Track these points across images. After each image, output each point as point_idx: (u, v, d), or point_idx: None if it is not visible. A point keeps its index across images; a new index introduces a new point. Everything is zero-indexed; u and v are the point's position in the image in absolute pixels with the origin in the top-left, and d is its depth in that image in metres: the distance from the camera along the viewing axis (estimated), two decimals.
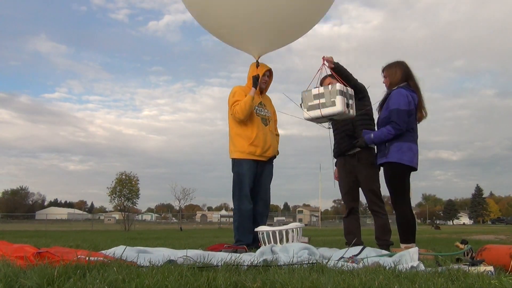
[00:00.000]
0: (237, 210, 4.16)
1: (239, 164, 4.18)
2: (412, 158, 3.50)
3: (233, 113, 4.14)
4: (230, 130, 4.32)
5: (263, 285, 1.67)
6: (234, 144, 4.22)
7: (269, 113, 4.44)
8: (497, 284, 1.76)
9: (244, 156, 4.15)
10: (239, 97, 4.18)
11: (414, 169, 3.57)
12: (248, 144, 4.14)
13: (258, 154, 4.17)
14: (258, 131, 4.18)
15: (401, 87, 3.59)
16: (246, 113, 4.10)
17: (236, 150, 4.20)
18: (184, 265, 2.04)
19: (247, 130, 4.18)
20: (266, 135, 4.24)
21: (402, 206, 3.49)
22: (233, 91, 4.29)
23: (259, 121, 4.25)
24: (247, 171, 4.14)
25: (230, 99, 4.25)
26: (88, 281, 1.57)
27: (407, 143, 3.49)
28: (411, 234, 3.47)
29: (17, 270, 1.77)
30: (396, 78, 3.65)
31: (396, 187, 3.52)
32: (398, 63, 3.73)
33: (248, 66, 4.48)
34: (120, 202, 24.62)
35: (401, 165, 3.47)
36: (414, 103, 3.55)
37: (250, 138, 4.14)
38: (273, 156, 4.35)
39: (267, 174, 4.33)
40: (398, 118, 3.45)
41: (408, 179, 3.56)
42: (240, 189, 4.14)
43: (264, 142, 4.19)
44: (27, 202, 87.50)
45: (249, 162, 4.15)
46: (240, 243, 3.97)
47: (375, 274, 1.89)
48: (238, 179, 4.17)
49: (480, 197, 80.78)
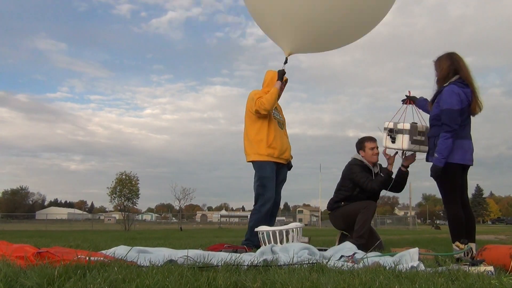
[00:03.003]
0: (257, 211, 4.17)
1: (262, 167, 4.20)
2: (463, 155, 3.43)
3: (259, 105, 4.12)
4: (247, 133, 4.33)
5: (263, 285, 1.67)
6: (253, 146, 4.24)
7: (282, 118, 4.52)
8: (497, 284, 1.76)
9: (263, 158, 4.18)
10: (262, 94, 4.22)
11: (467, 166, 3.51)
12: (266, 146, 4.18)
13: (276, 156, 4.22)
14: (275, 133, 4.24)
15: (454, 83, 3.48)
16: (273, 103, 4.15)
17: (255, 152, 4.22)
18: (184, 265, 2.04)
19: (264, 133, 4.21)
20: (282, 138, 4.32)
21: (451, 205, 3.44)
22: (252, 93, 4.34)
23: (276, 124, 4.31)
24: (271, 174, 4.19)
25: (250, 100, 4.27)
26: (88, 281, 1.57)
27: (457, 140, 3.41)
28: (462, 232, 3.34)
29: (17, 270, 1.77)
30: (443, 72, 3.54)
31: (445, 186, 3.47)
32: (447, 55, 3.60)
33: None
34: (120, 202, 24.58)
35: (451, 164, 3.40)
36: (467, 100, 3.43)
37: (268, 140, 4.18)
38: (290, 159, 4.41)
39: (282, 177, 4.39)
40: (450, 120, 3.37)
41: (459, 177, 3.48)
42: (264, 192, 4.16)
43: (281, 144, 4.26)
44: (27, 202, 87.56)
45: (271, 164, 4.19)
46: (249, 243, 3.99)
47: (375, 274, 1.89)
48: (262, 183, 4.18)
49: (480, 197, 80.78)
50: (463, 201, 3.51)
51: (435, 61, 3.66)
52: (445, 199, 3.48)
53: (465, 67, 3.54)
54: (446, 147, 3.39)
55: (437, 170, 3.42)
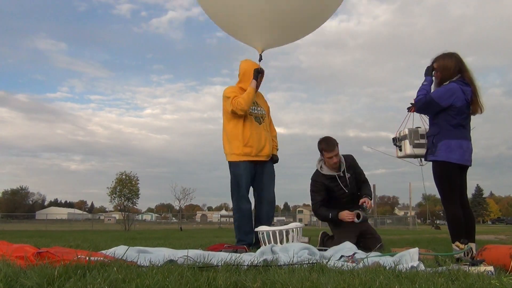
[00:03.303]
0: (237, 210, 4.15)
1: (235, 166, 4.15)
2: (462, 155, 3.42)
3: (236, 105, 4.05)
4: (224, 131, 4.28)
5: (263, 285, 1.67)
6: (230, 146, 4.18)
7: (263, 110, 4.38)
8: (497, 284, 1.76)
9: (240, 158, 4.13)
10: (237, 93, 4.15)
11: (466, 166, 3.51)
12: (243, 145, 4.11)
13: (254, 154, 4.15)
14: (251, 130, 4.15)
15: (455, 82, 3.47)
16: (249, 103, 4.10)
17: (232, 152, 4.17)
18: (184, 265, 2.04)
19: (239, 131, 4.14)
20: (260, 134, 4.20)
21: (450, 205, 3.43)
22: (225, 91, 4.25)
23: (252, 120, 4.21)
24: (244, 171, 4.12)
25: (227, 96, 4.18)
26: (88, 281, 1.57)
27: (456, 140, 3.41)
28: (462, 232, 3.33)
29: (17, 270, 1.77)
30: (449, 73, 3.50)
31: (443, 185, 3.47)
32: (451, 54, 3.56)
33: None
34: (120, 202, 24.59)
35: (449, 163, 3.40)
36: (465, 98, 3.42)
37: (244, 139, 4.11)
38: (271, 155, 4.31)
39: (268, 173, 4.29)
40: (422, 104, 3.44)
41: (457, 177, 3.48)
42: (238, 189, 4.13)
43: (258, 141, 4.16)
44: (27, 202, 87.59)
45: (245, 163, 4.13)
46: (242, 243, 3.97)
47: (375, 274, 1.89)
48: (235, 180, 4.15)
49: (480, 197, 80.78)
50: (462, 201, 3.51)
51: (436, 59, 3.60)
52: (444, 199, 3.48)
53: (467, 69, 3.53)
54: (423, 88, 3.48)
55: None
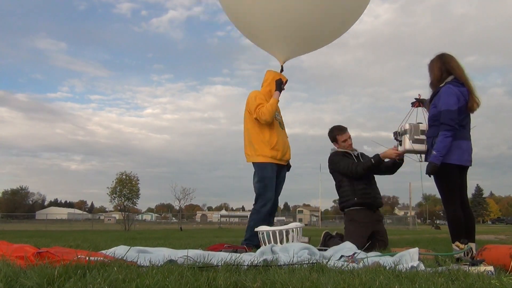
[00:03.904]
0: (257, 211, 4.18)
1: (263, 168, 4.20)
2: (461, 156, 3.42)
3: (259, 115, 4.15)
4: (249, 134, 4.32)
5: (263, 285, 1.67)
6: (255, 148, 4.24)
7: (282, 118, 4.53)
8: (497, 284, 1.76)
9: (267, 159, 4.20)
10: (261, 100, 4.24)
11: (465, 167, 3.51)
12: (270, 148, 4.19)
13: (279, 158, 4.25)
14: (278, 135, 4.26)
15: (450, 83, 3.48)
16: (272, 115, 4.18)
17: (258, 154, 4.22)
18: (184, 265, 2.04)
19: (267, 134, 4.22)
20: (284, 139, 4.35)
21: (450, 205, 3.43)
22: (253, 95, 4.32)
23: (278, 126, 4.33)
24: (271, 174, 4.20)
25: (251, 102, 4.26)
26: (88, 281, 1.57)
27: (455, 141, 3.41)
28: (462, 232, 3.33)
29: (17, 270, 1.77)
30: (436, 75, 3.55)
31: (443, 186, 3.47)
32: (437, 57, 3.61)
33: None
34: (120, 202, 24.60)
35: (448, 164, 3.40)
36: (464, 99, 3.43)
37: (271, 142, 4.20)
38: (289, 160, 4.44)
39: (281, 178, 4.41)
40: (449, 120, 3.37)
41: (457, 178, 3.47)
42: (265, 192, 4.17)
43: (283, 146, 4.29)
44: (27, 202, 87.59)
45: (273, 165, 4.21)
46: (249, 243, 3.98)
47: (375, 274, 1.89)
48: (263, 182, 4.19)
49: (480, 197, 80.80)
50: (462, 201, 3.51)
51: (428, 65, 3.67)
52: (444, 200, 3.48)
53: (458, 67, 3.53)
54: (444, 145, 3.38)
55: (433, 168, 3.41)
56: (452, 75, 3.51)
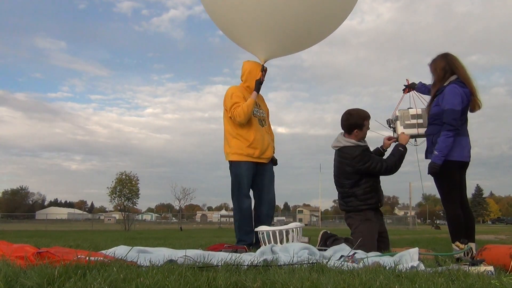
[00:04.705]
0: (238, 209, 4.13)
1: (237, 166, 4.13)
2: (461, 152, 3.43)
3: (234, 115, 4.06)
4: (225, 131, 4.24)
5: (263, 285, 1.67)
6: (231, 145, 4.15)
7: (264, 113, 4.40)
8: (497, 284, 1.76)
9: (242, 158, 4.10)
10: (237, 99, 4.11)
11: (465, 163, 3.51)
12: (246, 146, 4.09)
13: (257, 156, 4.13)
14: (256, 132, 4.13)
15: (455, 83, 3.47)
16: (247, 116, 4.06)
17: (233, 152, 4.13)
18: (184, 265, 2.04)
19: (244, 132, 4.11)
20: (263, 136, 4.20)
21: (450, 204, 3.43)
22: (229, 92, 4.19)
23: (257, 122, 4.20)
24: (245, 172, 4.09)
25: (227, 100, 4.16)
26: (88, 281, 1.57)
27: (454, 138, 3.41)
28: (462, 232, 3.33)
29: (17, 270, 1.77)
30: (439, 74, 3.56)
31: (443, 185, 3.47)
32: (441, 56, 3.61)
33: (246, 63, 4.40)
34: (120, 202, 24.62)
35: (449, 161, 3.40)
36: (467, 100, 3.44)
37: (248, 140, 4.09)
38: (272, 157, 4.31)
39: (268, 174, 4.28)
40: (453, 120, 3.37)
41: (457, 175, 3.48)
42: (239, 189, 4.11)
43: (262, 143, 4.15)
44: (27, 202, 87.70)
45: (247, 163, 4.11)
46: (242, 243, 3.96)
47: (375, 274, 1.89)
48: (236, 181, 4.13)
49: (480, 197, 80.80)
50: (462, 200, 3.51)
51: (430, 64, 3.66)
52: (444, 199, 3.48)
53: (461, 67, 3.53)
54: (447, 145, 3.39)
55: (436, 168, 3.41)
56: (455, 75, 3.51)
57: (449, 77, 3.52)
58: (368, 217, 3.76)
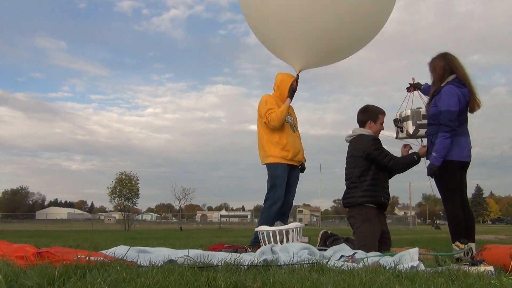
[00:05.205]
0: (267, 209, 4.27)
1: (273, 168, 4.33)
2: (461, 152, 3.43)
3: (269, 120, 4.29)
4: (261, 137, 4.47)
5: (263, 285, 1.67)
6: (266, 150, 4.38)
7: (294, 121, 4.64)
8: (497, 284, 1.76)
9: (277, 160, 4.31)
10: (271, 105, 4.35)
11: (465, 163, 3.50)
12: (280, 149, 4.31)
13: (290, 158, 4.34)
14: (288, 137, 4.36)
15: (451, 83, 3.48)
16: (281, 121, 4.29)
17: (269, 155, 4.35)
18: (184, 265, 2.04)
19: (278, 136, 4.35)
20: (295, 140, 4.44)
21: (450, 204, 3.43)
22: (264, 99, 4.44)
23: (288, 128, 4.43)
24: (282, 174, 4.30)
25: (262, 107, 4.39)
26: (88, 281, 1.57)
27: (454, 138, 3.41)
28: (462, 232, 3.32)
29: (17, 270, 1.77)
30: (438, 73, 3.56)
31: (443, 185, 3.47)
32: (440, 55, 3.62)
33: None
34: (120, 202, 24.60)
35: (449, 161, 3.40)
36: (465, 100, 3.44)
37: (281, 144, 4.32)
38: (303, 161, 4.53)
39: (294, 178, 4.50)
40: (449, 121, 3.37)
41: (458, 176, 3.47)
42: (275, 191, 4.28)
43: (294, 147, 4.38)
44: (27, 202, 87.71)
45: (283, 165, 4.31)
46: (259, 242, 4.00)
47: (375, 274, 1.89)
48: (272, 182, 4.31)
49: (480, 197, 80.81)
50: (462, 200, 3.51)
51: (429, 63, 3.66)
52: (444, 199, 3.48)
53: (461, 66, 3.53)
54: (444, 146, 3.39)
55: (434, 169, 3.42)
56: (454, 75, 3.51)
57: (447, 77, 3.52)
58: (370, 217, 3.75)
